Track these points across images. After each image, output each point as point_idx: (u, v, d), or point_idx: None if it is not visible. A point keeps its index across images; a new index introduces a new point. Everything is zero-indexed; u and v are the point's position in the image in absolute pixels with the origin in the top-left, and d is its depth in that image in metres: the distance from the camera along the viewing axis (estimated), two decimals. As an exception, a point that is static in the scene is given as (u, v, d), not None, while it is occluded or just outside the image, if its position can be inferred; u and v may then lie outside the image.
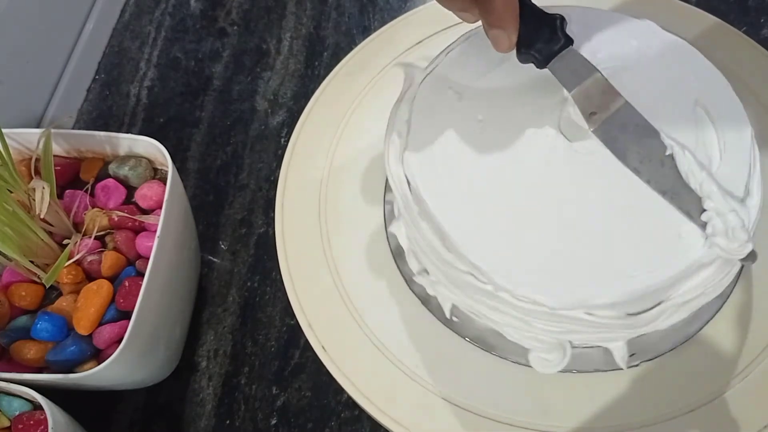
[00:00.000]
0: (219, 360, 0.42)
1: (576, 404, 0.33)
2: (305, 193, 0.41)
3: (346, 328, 0.36)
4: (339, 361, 0.35)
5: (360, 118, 0.43)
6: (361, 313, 0.37)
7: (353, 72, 0.45)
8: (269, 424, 0.40)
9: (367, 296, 0.37)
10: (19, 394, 0.33)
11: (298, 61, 0.54)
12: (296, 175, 0.42)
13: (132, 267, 0.39)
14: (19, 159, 0.41)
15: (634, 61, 0.32)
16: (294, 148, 0.42)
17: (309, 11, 0.57)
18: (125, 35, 0.58)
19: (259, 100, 0.53)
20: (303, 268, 0.38)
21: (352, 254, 0.39)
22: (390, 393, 0.34)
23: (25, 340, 0.36)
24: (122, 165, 0.41)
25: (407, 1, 0.57)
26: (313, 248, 0.39)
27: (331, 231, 0.39)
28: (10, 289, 0.37)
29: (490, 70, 0.34)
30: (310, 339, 0.36)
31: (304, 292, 0.37)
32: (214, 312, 0.44)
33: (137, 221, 0.39)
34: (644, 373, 0.33)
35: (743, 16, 0.52)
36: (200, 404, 0.41)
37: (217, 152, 0.51)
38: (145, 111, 0.53)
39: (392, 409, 0.34)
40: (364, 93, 0.44)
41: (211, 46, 0.56)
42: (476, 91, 0.33)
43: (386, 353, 0.35)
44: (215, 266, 0.46)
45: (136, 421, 0.41)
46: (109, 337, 0.36)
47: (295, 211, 0.40)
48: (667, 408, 0.32)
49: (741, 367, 0.33)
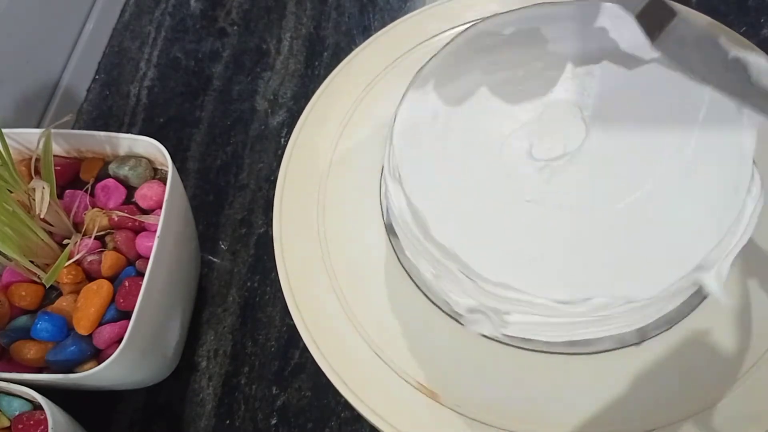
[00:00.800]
0: (219, 360, 0.42)
1: (576, 403, 0.33)
2: (303, 194, 0.41)
3: (342, 331, 0.36)
4: (335, 364, 0.35)
5: (360, 118, 0.43)
6: (357, 315, 0.37)
7: (354, 72, 0.45)
8: (269, 424, 0.40)
9: (366, 299, 0.37)
10: (19, 394, 0.33)
11: (298, 61, 0.54)
12: (294, 175, 0.42)
13: (132, 267, 0.39)
14: (19, 159, 0.41)
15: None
16: (293, 148, 0.42)
17: (309, 11, 0.57)
18: (125, 35, 0.58)
19: (259, 100, 0.53)
20: (301, 272, 0.38)
21: (350, 256, 0.39)
22: (387, 398, 0.34)
23: (25, 340, 0.36)
24: (122, 165, 0.41)
25: (407, 1, 0.57)
26: (311, 250, 0.39)
27: (328, 231, 0.39)
28: (10, 289, 0.37)
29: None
30: (305, 339, 0.36)
31: (301, 293, 0.37)
32: (214, 312, 0.44)
33: (137, 221, 0.39)
34: (645, 374, 0.33)
35: (743, 17, 0.52)
36: (200, 404, 0.41)
37: (217, 152, 0.51)
38: (145, 111, 0.53)
39: (391, 416, 0.34)
40: (364, 93, 0.44)
41: (211, 46, 0.56)
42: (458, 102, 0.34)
43: (384, 357, 0.35)
44: (215, 266, 0.46)
45: (136, 421, 0.41)
46: (109, 337, 0.36)
47: (292, 212, 0.40)
48: (669, 413, 0.32)
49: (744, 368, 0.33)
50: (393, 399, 0.34)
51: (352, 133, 0.43)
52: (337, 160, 0.42)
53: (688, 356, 0.33)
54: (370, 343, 0.36)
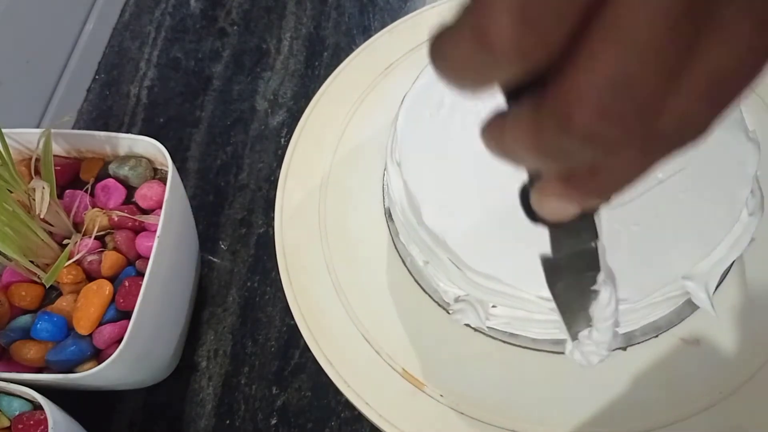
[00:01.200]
0: (219, 360, 0.42)
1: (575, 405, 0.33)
2: (305, 196, 0.41)
3: (345, 332, 0.36)
4: (338, 365, 0.35)
5: (362, 118, 0.43)
6: (361, 318, 0.37)
7: (355, 72, 0.45)
8: (269, 424, 0.40)
9: (371, 306, 0.37)
10: (19, 394, 0.33)
11: (298, 61, 0.54)
12: (296, 177, 0.42)
13: (132, 267, 0.39)
14: (19, 159, 0.41)
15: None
16: (294, 149, 0.42)
17: (309, 11, 0.57)
18: (125, 35, 0.58)
19: (259, 100, 0.53)
20: (302, 273, 0.38)
21: (355, 261, 0.39)
22: (374, 383, 0.34)
23: (25, 340, 0.36)
24: (122, 165, 0.41)
25: (407, 1, 0.57)
26: (313, 253, 0.39)
27: (330, 234, 0.39)
28: (10, 289, 0.37)
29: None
30: (308, 341, 0.36)
31: (302, 295, 0.37)
32: (214, 312, 0.44)
33: (137, 221, 0.39)
34: (644, 374, 0.33)
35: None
36: (200, 404, 0.41)
37: (217, 152, 0.51)
38: (145, 111, 0.53)
39: (392, 415, 0.34)
40: (366, 93, 0.44)
41: (211, 46, 0.56)
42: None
43: (384, 356, 0.35)
44: (215, 266, 0.46)
45: (136, 421, 0.41)
46: (109, 337, 0.36)
47: (294, 214, 0.40)
48: (670, 412, 0.32)
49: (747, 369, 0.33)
50: (378, 384, 0.34)
51: (355, 133, 0.43)
52: (339, 160, 0.42)
53: (673, 365, 0.33)
54: (358, 325, 0.36)
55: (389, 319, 0.36)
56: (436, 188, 0.32)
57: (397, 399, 0.34)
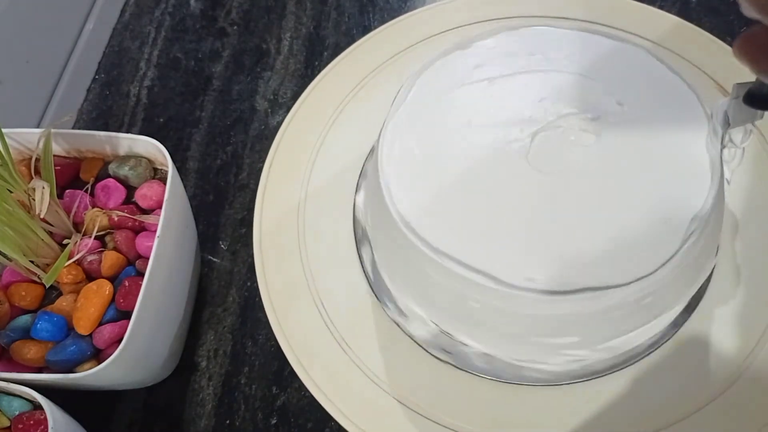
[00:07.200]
0: (219, 360, 0.42)
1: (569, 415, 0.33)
2: (283, 215, 0.41)
3: (328, 349, 0.37)
4: (324, 387, 0.36)
5: (348, 121, 0.44)
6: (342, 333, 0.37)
7: (343, 72, 0.45)
8: (269, 424, 0.40)
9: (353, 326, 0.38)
10: (19, 394, 0.33)
11: (298, 61, 0.54)
12: (273, 194, 0.42)
13: (132, 267, 0.39)
14: (19, 159, 0.41)
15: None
16: (271, 165, 0.43)
17: (309, 11, 0.57)
18: (125, 35, 0.58)
19: (259, 100, 0.53)
20: (283, 292, 0.39)
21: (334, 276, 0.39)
22: (372, 415, 0.35)
23: (25, 340, 0.36)
24: (122, 165, 0.41)
25: (407, 1, 0.57)
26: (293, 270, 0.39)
27: (309, 246, 0.40)
28: (10, 289, 0.37)
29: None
30: (291, 362, 0.36)
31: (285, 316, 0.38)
32: (214, 312, 0.44)
33: (137, 221, 0.39)
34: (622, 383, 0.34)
35: (743, 16, 0.51)
36: (200, 404, 0.41)
37: (217, 152, 0.51)
38: (145, 111, 0.53)
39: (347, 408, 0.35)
40: (351, 95, 0.45)
41: (211, 46, 0.56)
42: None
43: (369, 375, 0.36)
44: (215, 266, 0.46)
45: (136, 421, 0.41)
46: (109, 337, 0.36)
47: (272, 233, 0.41)
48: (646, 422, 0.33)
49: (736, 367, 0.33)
50: (352, 392, 0.35)
51: (332, 148, 0.43)
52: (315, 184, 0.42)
53: (644, 391, 0.34)
54: (335, 335, 0.37)
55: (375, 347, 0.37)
56: (412, 172, 0.32)
57: (368, 408, 0.35)
